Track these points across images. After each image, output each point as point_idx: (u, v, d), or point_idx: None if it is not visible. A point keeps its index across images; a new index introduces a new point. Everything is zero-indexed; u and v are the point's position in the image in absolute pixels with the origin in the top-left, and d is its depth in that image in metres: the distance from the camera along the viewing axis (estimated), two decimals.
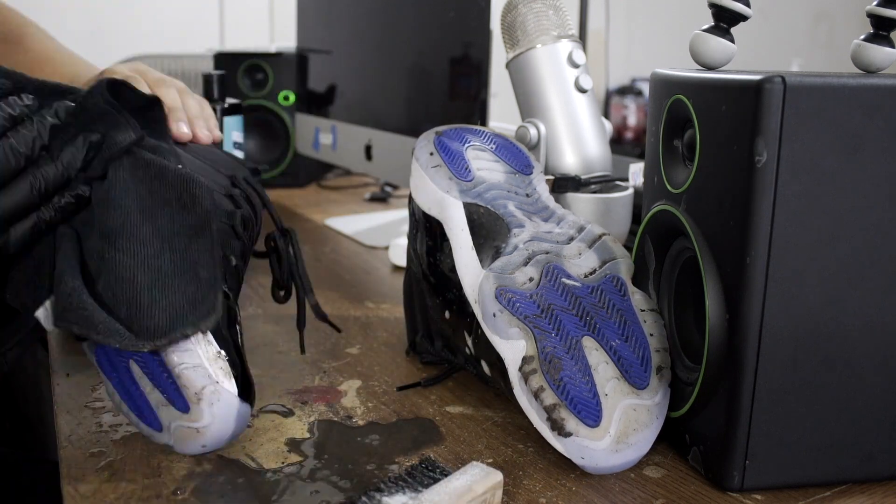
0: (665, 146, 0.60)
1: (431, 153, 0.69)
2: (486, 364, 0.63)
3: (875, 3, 0.57)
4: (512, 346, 0.58)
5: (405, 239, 1.02)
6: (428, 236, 0.69)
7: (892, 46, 0.58)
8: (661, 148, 0.60)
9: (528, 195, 0.68)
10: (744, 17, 0.58)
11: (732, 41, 0.59)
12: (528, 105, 0.82)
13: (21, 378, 1.09)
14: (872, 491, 0.55)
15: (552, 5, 0.81)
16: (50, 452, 1.07)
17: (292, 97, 1.54)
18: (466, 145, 0.70)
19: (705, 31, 0.59)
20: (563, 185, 0.79)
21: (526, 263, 0.61)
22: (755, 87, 0.49)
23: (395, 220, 1.29)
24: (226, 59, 1.53)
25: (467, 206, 0.65)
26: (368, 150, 1.21)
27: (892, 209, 0.52)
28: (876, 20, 0.57)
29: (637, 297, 0.61)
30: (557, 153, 0.81)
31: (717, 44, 0.58)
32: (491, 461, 0.57)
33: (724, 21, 0.59)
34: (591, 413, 0.54)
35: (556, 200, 0.72)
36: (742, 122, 0.50)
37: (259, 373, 0.72)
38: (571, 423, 0.54)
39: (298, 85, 1.49)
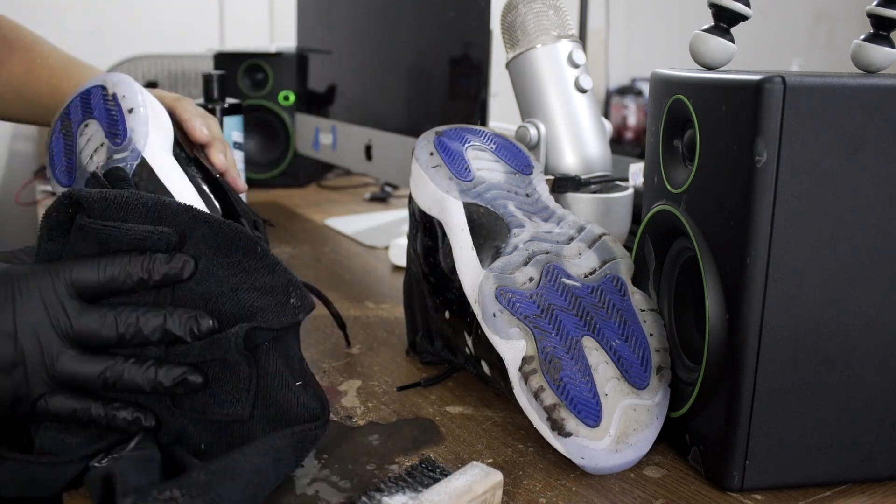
0: (665, 146, 0.60)
1: (431, 153, 0.69)
2: (486, 364, 0.63)
3: (875, 3, 0.57)
4: (512, 346, 0.58)
5: (405, 239, 1.02)
6: (428, 236, 0.69)
7: (892, 46, 0.58)
8: (661, 148, 0.60)
9: (528, 195, 0.68)
10: (744, 17, 0.58)
11: (732, 41, 0.59)
12: (528, 105, 0.82)
13: None
14: (872, 491, 0.55)
15: (552, 5, 0.81)
16: None
17: (292, 97, 1.54)
18: (466, 145, 0.70)
19: (705, 31, 0.59)
20: (563, 185, 0.79)
21: (526, 263, 0.61)
22: (755, 87, 0.49)
23: (395, 220, 1.29)
24: (226, 59, 1.53)
25: (467, 206, 0.65)
26: (368, 150, 1.21)
27: (892, 209, 0.52)
28: (876, 20, 0.57)
29: (637, 297, 0.61)
30: (557, 153, 0.81)
31: (717, 44, 0.58)
32: (491, 461, 0.57)
33: (724, 21, 0.59)
34: (591, 413, 0.54)
35: (556, 200, 0.72)
36: (742, 122, 0.50)
37: None
38: (571, 423, 0.54)
39: (298, 85, 1.49)
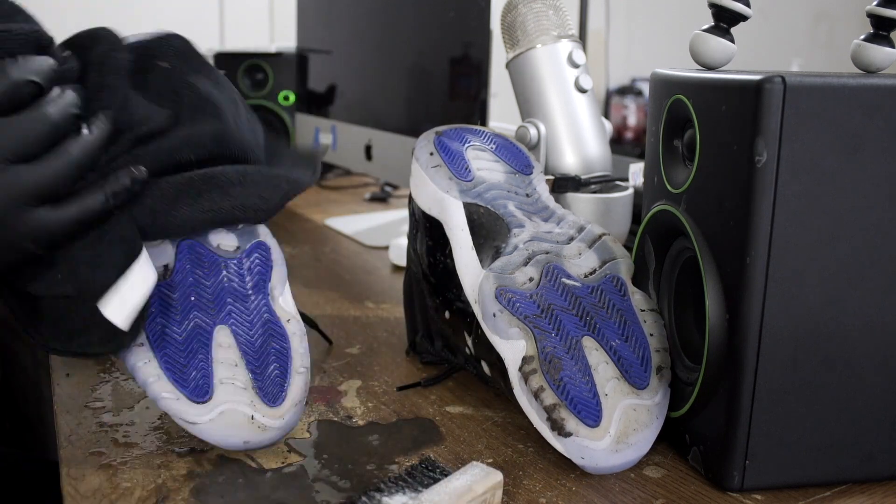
0: (665, 146, 0.60)
1: (431, 153, 0.69)
2: (486, 364, 0.63)
3: (875, 3, 0.57)
4: (512, 346, 0.58)
5: (405, 239, 1.02)
6: (428, 236, 0.69)
7: (892, 46, 0.58)
8: (661, 148, 0.60)
9: (528, 195, 0.68)
10: (744, 17, 0.58)
11: (732, 41, 0.59)
12: (528, 105, 0.82)
13: (21, 378, 1.09)
14: (872, 491, 0.55)
15: (552, 5, 0.81)
16: (50, 452, 1.07)
17: (292, 97, 1.54)
18: (466, 145, 0.70)
19: (705, 31, 0.59)
20: (563, 185, 0.79)
21: (526, 263, 0.61)
22: (755, 87, 0.49)
23: (395, 220, 1.29)
24: (226, 59, 1.53)
25: (467, 206, 0.65)
26: (368, 150, 1.21)
27: (892, 209, 0.52)
28: (876, 20, 0.57)
29: (637, 297, 0.61)
30: (557, 153, 0.81)
31: (717, 44, 0.58)
32: (491, 461, 0.57)
33: (724, 21, 0.59)
34: (591, 413, 0.54)
35: (556, 200, 0.72)
36: (742, 122, 0.50)
37: None
38: (571, 423, 0.54)
39: (298, 85, 1.49)
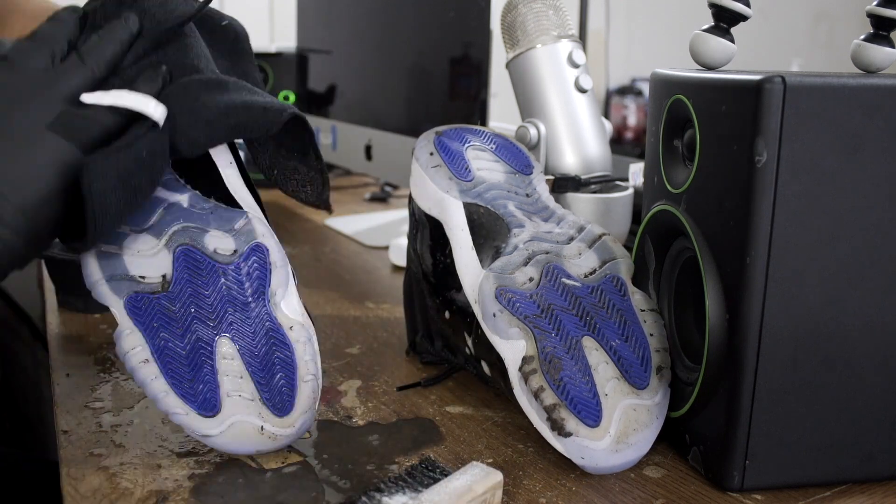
0: (665, 146, 0.60)
1: (431, 153, 0.69)
2: (486, 364, 0.63)
3: (875, 3, 0.57)
4: (512, 346, 0.58)
5: (405, 239, 1.02)
6: (428, 236, 0.69)
7: (892, 46, 0.58)
8: (661, 148, 0.60)
9: (528, 195, 0.68)
10: (744, 17, 0.58)
11: (732, 41, 0.59)
12: (528, 105, 0.82)
13: (21, 378, 1.09)
14: (872, 491, 0.55)
15: (552, 5, 0.81)
16: (50, 452, 1.07)
17: (292, 97, 1.54)
18: (466, 145, 0.70)
19: (705, 31, 0.59)
20: (563, 185, 0.79)
21: (526, 263, 0.61)
22: (755, 87, 0.49)
23: (395, 220, 1.29)
24: None
25: (467, 206, 0.65)
26: (368, 150, 1.21)
27: (892, 209, 0.52)
28: (876, 20, 0.57)
29: (637, 297, 0.61)
30: (557, 153, 0.81)
31: (717, 44, 0.58)
32: (491, 461, 0.57)
33: (724, 21, 0.59)
34: (591, 413, 0.54)
35: (556, 200, 0.72)
36: (742, 122, 0.50)
37: None
38: (571, 423, 0.54)
39: (298, 85, 1.49)
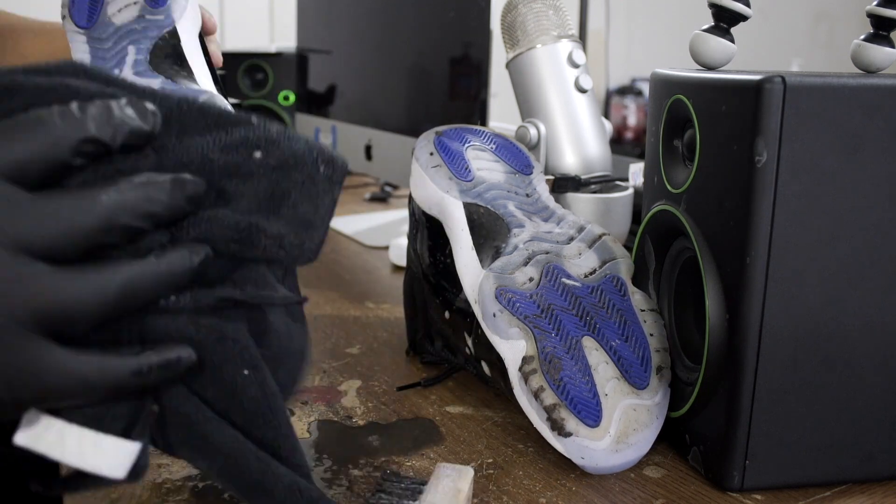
0: (665, 146, 0.60)
1: (431, 153, 0.69)
2: (486, 364, 0.63)
3: (875, 3, 0.57)
4: (512, 346, 0.58)
5: (405, 239, 1.02)
6: (428, 236, 0.69)
7: (892, 46, 0.58)
8: (661, 148, 0.60)
9: (528, 195, 0.68)
10: (744, 17, 0.58)
11: (732, 41, 0.59)
12: (528, 105, 0.82)
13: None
14: (872, 491, 0.55)
15: (552, 5, 0.81)
16: None
17: (292, 97, 1.54)
18: (466, 145, 0.70)
19: (705, 31, 0.59)
20: (563, 185, 0.79)
21: (526, 263, 0.61)
22: (755, 87, 0.49)
23: (395, 220, 1.29)
24: (226, 59, 1.52)
25: (467, 206, 0.65)
26: (368, 150, 1.21)
27: (892, 209, 0.52)
28: (876, 20, 0.57)
29: (637, 297, 0.61)
30: (557, 153, 0.81)
31: (717, 44, 0.58)
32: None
33: (724, 21, 0.59)
34: (591, 413, 0.54)
35: (556, 200, 0.72)
36: (742, 122, 0.50)
37: None
38: (571, 423, 0.54)
39: (298, 85, 1.49)
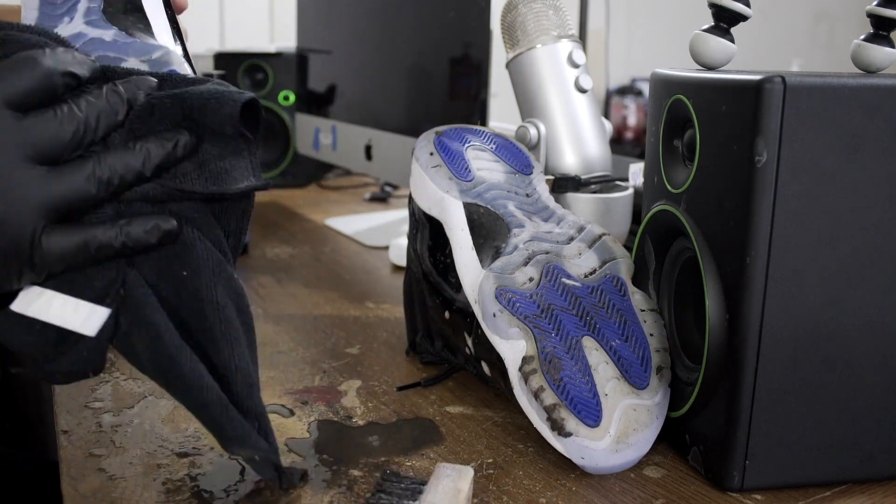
0: (665, 146, 0.60)
1: (431, 153, 0.69)
2: (486, 364, 0.63)
3: (875, 3, 0.57)
4: (512, 346, 0.58)
5: (405, 239, 1.02)
6: (428, 236, 0.69)
7: (892, 46, 0.58)
8: (661, 148, 0.60)
9: (528, 195, 0.68)
10: (744, 17, 0.58)
11: (732, 41, 0.59)
12: (528, 105, 0.82)
13: (21, 378, 1.09)
14: (872, 491, 0.55)
15: (552, 5, 0.81)
16: (50, 452, 1.07)
17: (292, 97, 1.54)
18: (466, 145, 0.70)
19: (705, 31, 0.59)
20: (563, 185, 0.79)
21: (526, 263, 0.61)
22: (755, 87, 0.49)
23: (395, 220, 1.29)
24: (226, 59, 1.53)
25: (467, 206, 0.65)
26: (368, 150, 1.21)
27: (892, 209, 0.52)
28: (876, 20, 0.57)
29: (637, 297, 0.61)
30: (557, 153, 0.81)
31: (717, 44, 0.58)
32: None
33: (724, 21, 0.59)
34: (591, 413, 0.54)
35: (556, 200, 0.72)
36: (742, 122, 0.50)
37: (259, 373, 0.71)
38: (571, 423, 0.54)
39: (298, 85, 1.49)
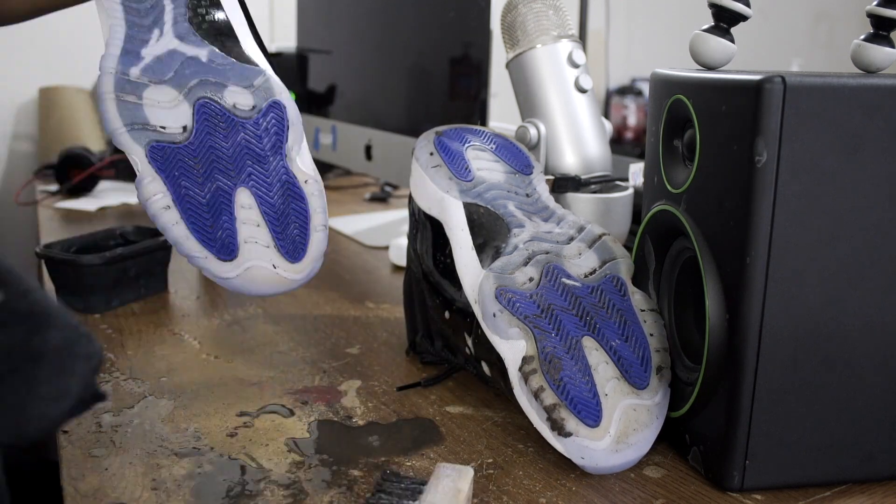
0: (665, 146, 0.60)
1: (431, 153, 0.69)
2: (486, 364, 0.63)
3: (875, 3, 0.57)
4: (512, 346, 0.58)
5: (405, 239, 1.02)
6: (428, 236, 0.69)
7: (892, 46, 0.58)
8: (661, 148, 0.60)
9: (528, 195, 0.68)
10: (744, 17, 0.58)
11: (732, 41, 0.59)
12: (528, 105, 0.82)
13: None
14: (872, 491, 0.55)
15: (552, 5, 0.81)
16: (50, 452, 1.07)
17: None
18: (466, 145, 0.70)
19: (705, 31, 0.59)
20: (563, 185, 0.79)
21: (526, 263, 0.61)
22: (755, 87, 0.49)
23: (395, 220, 1.29)
24: None
25: (467, 206, 0.65)
26: (368, 150, 1.21)
27: (892, 209, 0.52)
28: (876, 20, 0.57)
29: (637, 297, 0.61)
30: (557, 153, 0.81)
31: (717, 44, 0.58)
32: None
33: (724, 21, 0.59)
34: (591, 413, 0.54)
35: (556, 200, 0.72)
36: (742, 122, 0.50)
37: (259, 373, 0.72)
38: (571, 423, 0.54)
39: (298, 85, 1.49)
